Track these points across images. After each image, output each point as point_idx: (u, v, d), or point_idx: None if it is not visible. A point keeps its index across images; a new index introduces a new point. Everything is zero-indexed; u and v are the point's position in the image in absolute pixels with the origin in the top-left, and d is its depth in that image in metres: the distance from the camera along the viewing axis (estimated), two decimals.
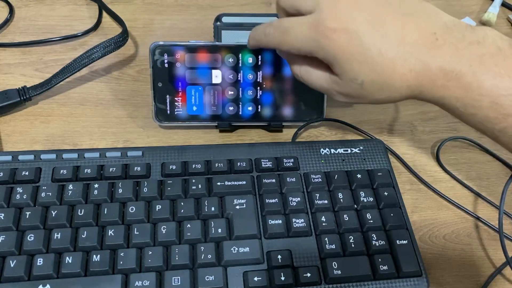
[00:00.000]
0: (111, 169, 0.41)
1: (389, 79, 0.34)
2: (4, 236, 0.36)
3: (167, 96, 0.45)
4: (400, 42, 0.34)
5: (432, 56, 0.33)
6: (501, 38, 0.33)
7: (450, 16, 0.35)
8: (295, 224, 0.39)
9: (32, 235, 0.37)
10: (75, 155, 0.42)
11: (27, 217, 0.37)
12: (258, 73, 0.45)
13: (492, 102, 0.32)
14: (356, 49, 0.34)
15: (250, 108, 0.46)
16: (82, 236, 0.37)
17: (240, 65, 0.44)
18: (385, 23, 0.34)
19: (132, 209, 0.39)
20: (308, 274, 0.37)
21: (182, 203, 0.39)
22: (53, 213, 0.38)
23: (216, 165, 0.42)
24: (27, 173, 0.40)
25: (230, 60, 0.44)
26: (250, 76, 0.45)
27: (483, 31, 0.34)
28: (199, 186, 0.40)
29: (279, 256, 0.37)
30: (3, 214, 0.37)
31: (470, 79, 0.32)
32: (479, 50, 0.33)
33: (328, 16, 0.35)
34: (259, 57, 0.44)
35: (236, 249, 0.37)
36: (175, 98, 0.45)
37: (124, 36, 0.51)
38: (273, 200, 0.40)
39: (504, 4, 0.64)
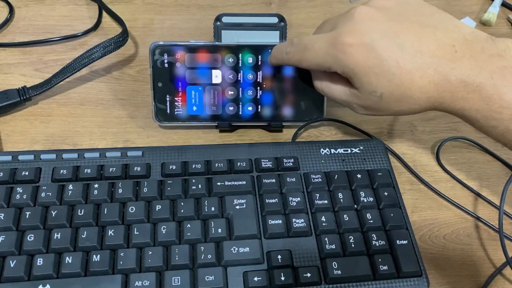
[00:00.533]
0: (111, 169, 0.41)
1: (408, 90, 0.34)
2: (4, 236, 0.36)
3: (167, 96, 0.45)
4: (418, 53, 0.34)
5: (452, 68, 0.33)
6: None
7: (470, 27, 0.35)
8: (295, 224, 0.39)
9: (32, 235, 0.37)
10: (75, 155, 0.42)
11: (27, 217, 0.37)
12: (258, 73, 0.45)
13: None
14: (373, 61, 0.34)
15: (250, 108, 0.46)
16: (82, 236, 0.37)
17: (240, 65, 0.44)
18: (402, 34, 0.34)
19: (132, 209, 0.39)
20: (308, 274, 0.37)
21: (182, 203, 0.39)
22: (53, 213, 0.38)
23: (216, 165, 0.42)
24: (27, 173, 0.40)
25: (230, 60, 0.44)
26: (250, 76, 0.45)
27: (505, 43, 0.33)
28: (199, 186, 0.40)
29: (279, 256, 0.37)
30: (3, 214, 0.37)
31: (492, 91, 0.32)
32: (501, 62, 0.32)
33: (344, 31, 0.35)
34: (259, 57, 0.44)
35: (236, 249, 0.37)
36: (175, 98, 0.45)
37: (124, 36, 0.51)
38: (273, 200, 0.40)
39: (504, 4, 0.64)
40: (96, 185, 0.40)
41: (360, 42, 0.35)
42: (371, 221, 0.40)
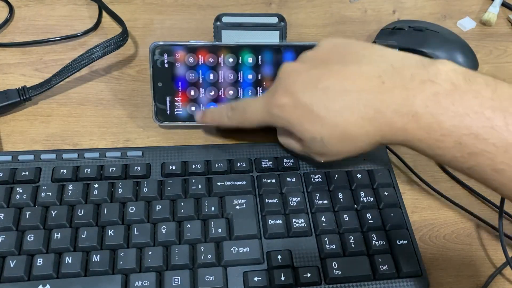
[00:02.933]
0: (111, 169, 0.41)
1: (344, 129, 0.34)
2: (4, 236, 0.36)
3: (167, 96, 0.45)
4: (343, 92, 0.34)
5: (382, 101, 0.32)
6: (455, 72, 0.31)
7: (400, 53, 0.34)
8: (295, 224, 0.39)
9: (32, 235, 0.36)
10: (75, 155, 0.42)
11: (27, 217, 0.37)
12: (258, 73, 0.45)
13: (456, 142, 0.30)
14: (302, 111, 0.35)
15: None
16: (82, 236, 0.37)
17: (240, 65, 0.44)
18: (324, 78, 0.35)
19: (132, 209, 0.39)
20: (308, 274, 0.37)
21: (182, 203, 0.39)
22: (53, 213, 0.38)
23: (216, 165, 0.42)
24: (27, 173, 0.40)
25: (230, 60, 0.44)
26: (250, 76, 0.45)
27: (435, 66, 0.32)
28: (199, 186, 0.40)
29: (279, 256, 0.37)
30: (3, 214, 0.37)
31: (429, 120, 0.31)
32: (433, 88, 0.31)
33: (273, 90, 0.37)
34: (259, 57, 0.44)
35: (236, 249, 0.37)
36: (175, 98, 0.45)
37: (124, 36, 0.51)
38: (273, 200, 0.40)
39: (504, 4, 0.64)
40: (96, 185, 0.40)
41: (288, 99, 0.36)
42: (371, 221, 0.40)
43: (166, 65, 0.44)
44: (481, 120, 0.30)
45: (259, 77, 0.45)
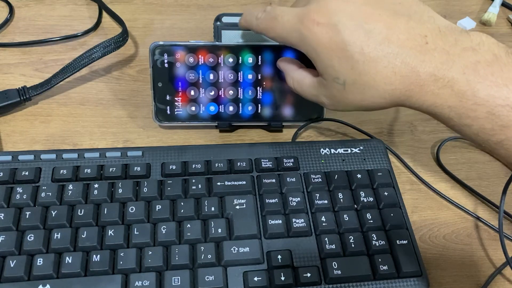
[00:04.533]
0: (111, 169, 0.41)
1: (371, 80, 0.33)
2: (4, 236, 0.36)
3: (167, 96, 0.45)
4: (385, 40, 0.32)
5: (422, 61, 0.32)
6: (497, 46, 0.31)
7: (447, 21, 0.34)
8: (295, 224, 0.39)
9: (32, 235, 0.36)
10: (75, 155, 0.42)
11: (27, 217, 0.37)
12: (258, 73, 0.45)
13: (489, 113, 0.30)
14: (337, 44, 0.33)
15: (250, 108, 0.46)
16: (82, 236, 0.37)
17: (240, 65, 0.44)
18: (371, 19, 0.33)
19: (132, 209, 0.39)
20: (308, 274, 0.37)
21: (182, 203, 0.39)
22: (53, 213, 0.38)
23: (216, 165, 0.42)
24: (27, 173, 0.40)
25: (230, 60, 0.44)
26: (250, 76, 0.45)
27: (479, 37, 0.32)
28: (199, 186, 0.40)
29: (279, 256, 0.37)
30: (3, 214, 0.37)
31: (464, 87, 0.31)
32: (474, 57, 0.31)
33: (314, 8, 0.34)
34: (259, 57, 0.44)
35: (236, 249, 0.37)
36: (175, 98, 0.45)
37: (124, 36, 0.51)
38: (273, 200, 0.40)
39: (504, 4, 0.64)
40: (96, 185, 0.40)
41: (326, 22, 0.33)
42: (371, 221, 0.40)
43: (166, 65, 0.44)
44: None
45: (259, 77, 0.45)
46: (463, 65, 0.31)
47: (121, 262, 0.36)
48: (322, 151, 0.44)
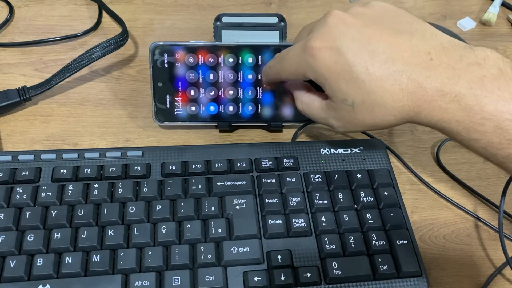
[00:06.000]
0: (111, 169, 0.41)
1: (379, 98, 0.33)
2: (4, 236, 0.36)
3: (167, 96, 0.45)
4: (389, 59, 0.33)
5: (427, 77, 0.32)
6: (503, 60, 0.32)
7: (448, 36, 0.34)
8: (295, 224, 0.39)
9: (32, 235, 0.36)
10: (75, 155, 0.42)
11: (27, 217, 0.37)
12: (258, 73, 0.45)
13: (496, 127, 0.30)
14: (342, 67, 0.34)
15: (250, 108, 0.46)
16: (82, 236, 0.37)
17: (240, 65, 0.44)
18: (374, 40, 0.33)
19: (132, 209, 0.39)
20: (308, 274, 0.37)
21: (182, 203, 0.39)
22: (53, 213, 0.38)
23: (216, 165, 0.42)
24: (27, 173, 0.40)
25: (230, 60, 0.44)
26: (250, 76, 0.45)
27: (484, 52, 0.32)
28: (199, 186, 0.40)
29: (279, 256, 0.37)
30: (3, 214, 0.37)
31: (472, 102, 0.31)
32: (480, 71, 0.31)
33: (316, 36, 0.35)
34: (259, 57, 0.44)
35: (236, 249, 0.37)
36: (175, 98, 0.45)
37: (124, 36, 0.51)
38: (273, 200, 0.40)
39: (504, 4, 0.64)
40: (96, 185, 0.40)
41: (330, 46, 0.34)
42: (371, 221, 0.40)
43: (166, 65, 0.44)
44: None
45: (259, 77, 0.45)
46: (470, 80, 0.31)
47: (121, 262, 0.36)
48: (322, 151, 0.44)
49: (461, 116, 0.31)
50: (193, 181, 0.41)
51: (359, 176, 0.42)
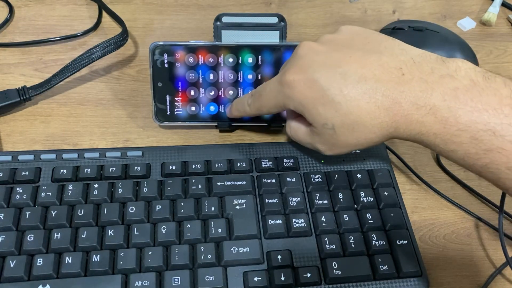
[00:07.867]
0: (111, 169, 0.41)
1: (358, 118, 0.34)
2: (4, 236, 0.36)
3: (167, 96, 0.45)
4: (361, 79, 0.33)
5: (401, 92, 0.32)
6: (474, 70, 0.32)
7: (419, 50, 0.35)
8: (295, 224, 0.39)
9: (32, 235, 0.37)
10: (75, 155, 0.42)
11: (27, 217, 0.37)
12: (258, 73, 0.45)
13: (472, 138, 0.30)
14: (317, 93, 0.35)
15: None
16: (82, 236, 0.37)
17: (240, 65, 0.44)
18: (343, 63, 0.34)
19: (132, 209, 0.39)
20: (308, 274, 0.37)
21: (182, 203, 0.39)
22: (53, 213, 0.38)
23: (216, 165, 0.42)
24: (27, 173, 0.40)
25: (230, 60, 0.44)
26: (250, 76, 0.45)
27: (455, 63, 0.32)
28: (199, 186, 0.40)
29: (279, 256, 0.37)
30: (3, 214, 0.37)
31: (447, 114, 0.31)
32: (452, 83, 0.31)
33: (289, 69, 0.36)
34: (259, 57, 0.44)
35: (236, 249, 0.37)
36: (175, 98, 0.45)
37: (124, 36, 0.51)
38: (273, 200, 0.40)
39: (504, 4, 0.64)
40: (96, 185, 0.40)
41: (303, 77, 0.35)
42: (371, 221, 0.40)
43: (166, 65, 0.44)
44: (499, 117, 0.30)
45: (259, 77, 0.45)
46: (443, 92, 0.31)
47: (121, 262, 0.36)
48: None
49: (437, 128, 0.32)
50: (193, 181, 0.41)
51: (359, 176, 0.42)
